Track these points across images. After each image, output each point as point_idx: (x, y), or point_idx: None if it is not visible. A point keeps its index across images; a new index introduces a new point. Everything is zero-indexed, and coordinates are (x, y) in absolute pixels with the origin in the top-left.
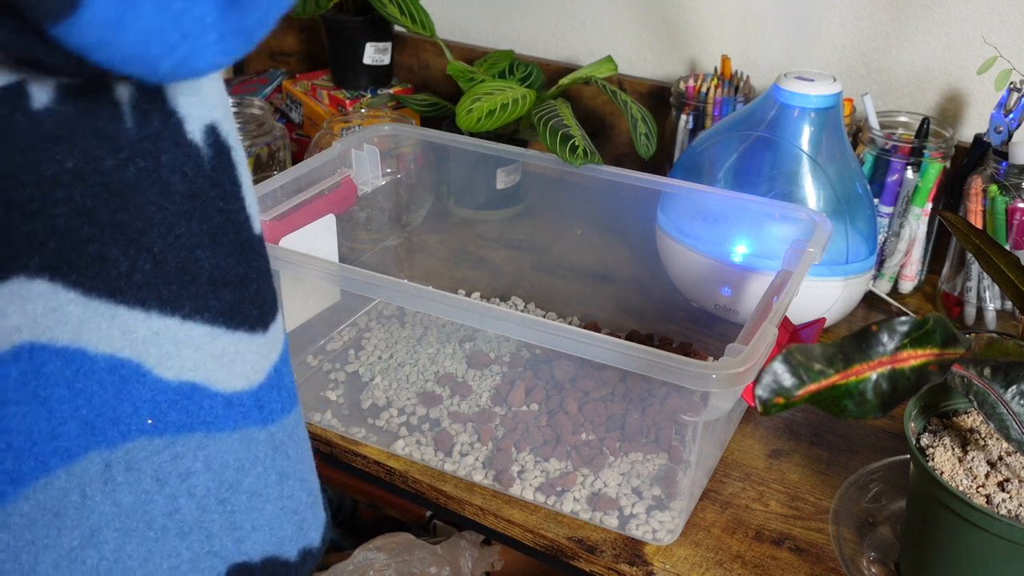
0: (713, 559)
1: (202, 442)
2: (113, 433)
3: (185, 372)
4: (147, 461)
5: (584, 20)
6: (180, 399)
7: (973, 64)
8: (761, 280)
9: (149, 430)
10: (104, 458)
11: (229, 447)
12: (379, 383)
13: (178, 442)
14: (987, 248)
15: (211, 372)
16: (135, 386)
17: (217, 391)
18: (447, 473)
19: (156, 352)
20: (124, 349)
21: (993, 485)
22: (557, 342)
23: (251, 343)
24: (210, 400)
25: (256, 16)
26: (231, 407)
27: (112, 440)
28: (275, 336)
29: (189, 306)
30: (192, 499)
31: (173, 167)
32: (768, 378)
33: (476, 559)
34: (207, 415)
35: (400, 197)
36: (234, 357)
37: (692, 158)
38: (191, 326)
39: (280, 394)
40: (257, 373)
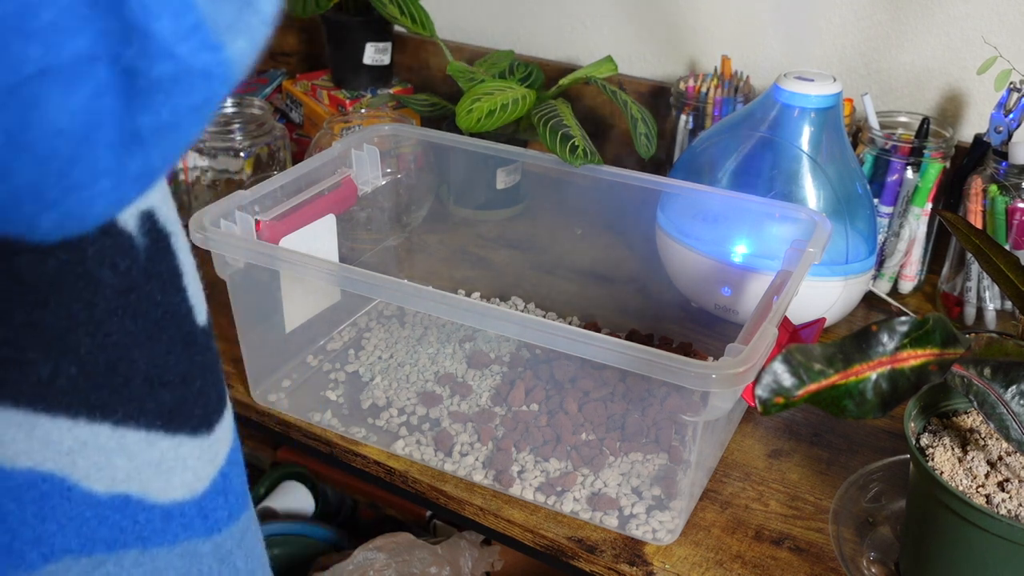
0: (713, 559)
1: (137, 559)
2: (33, 555)
3: (117, 484)
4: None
5: (584, 20)
6: (111, 513)
7: (973, 64)
8: (761, 280)
9: (76, 549)
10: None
11: (169, 563)
12: (379, 383)
13: (109, 561)
14: (987, 248)
15: (147, 482)
16: (59, 501)
17: (154, 502)
18: (447, 473)
19: (84, 463)
20: (46, 462)
21: (993, 485)
22: (557, 342)
23: (193, 447)
24: (146, 513)
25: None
26: (170, 519)
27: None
28: (222, 436)
29: (122, 411)
30: None
31: (101, 259)
32: (768, 378)
33: (476, 559)
34: (142, 529)
35: (400, 197)
36: (173, 464)
37: (692, 158)
38: (123, 433)
39: (227, 500)
40: (200, 480)
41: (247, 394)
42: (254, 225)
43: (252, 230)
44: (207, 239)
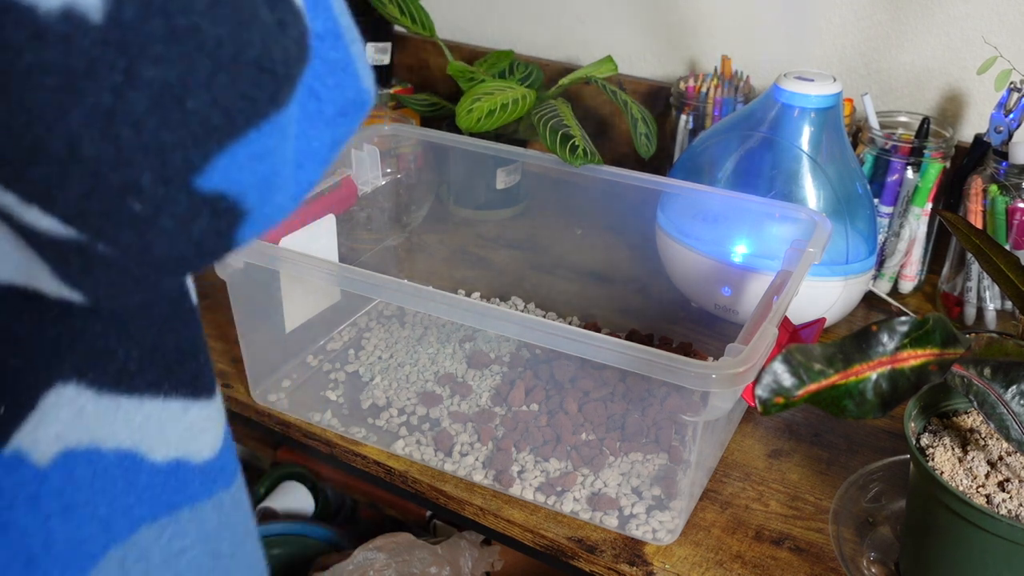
0: (713, 559)
1: (191, 515)
2: (122, 527)
3: (171, 451)
4: (152, 547)
5: (584, 20)
6: (169, 479)
7: (973, 64)
8: (761, 280)
9: (149, 516)
10: (119, 554)
11: (209, 515)
12: (379, 383)
13: (173, 521)
14: (987, 248)
15: (188, 445)
16: (136, 475)
17: (194, 463)
18: (447, 473)
19: (148, 436)
20: (126, 440)
21: (993, 485)
22: (557, 342)
23: (209, 410)
24: (191, 474)
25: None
26: (206, 476)
27: (122, 534)
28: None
29: (167, 384)
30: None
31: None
32: (768, 378)
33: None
34: (190, 489)
35: (400, 197)
36: (203, 426)
37: (692, 158)
38: (170, 403)
39: (232, 454)
40: (217, 439)
41: (247, 394)
42: None
43: None
44: None
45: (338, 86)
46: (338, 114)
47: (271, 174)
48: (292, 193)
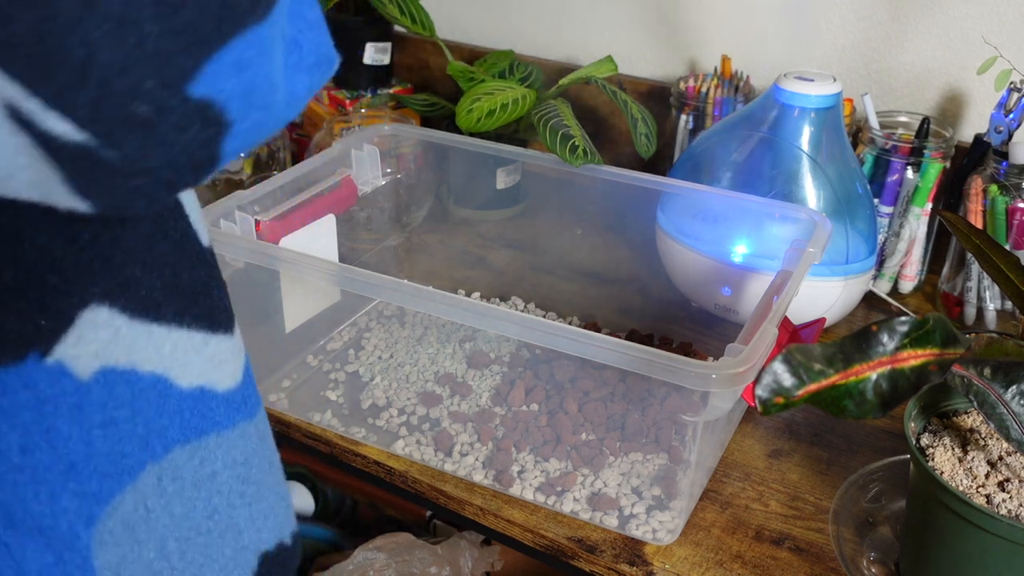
0: (713, 559)
1: (217, 441)
2: (158, 446)
3: (196, 378)
4: (185, 468)
5: (584, 20)
6: (197, 405)
7: (973, 64)
8: (761, 280)
9: (181, 438)
10: (157, 471)
11: (235, 443)
12: (379, 383)
13: (202, 446)
14: (987, 248)
15: (212, 375)
16: (167, 399)
17: (218, 392)
18: (447, 473)
19: (176, 363)
20: (158, 365)
21: (993, 485)
22: (557, 342)
23: (228, 344)
24: (216, 401)
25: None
26: (229, 405)
27: (158, 453)
28: (239, 337)
29: (188, 316)
30: (222, 497)
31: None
32: (768, 378)
33: (476, 559)
34: (216, 415)
35: (400, 197)
36: (223, 358)
37: (692, 158)
38: (192, 334)
39: (254, 389)
40: (237, 371)
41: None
42: (254, 225)
43: (252, 230)
44: None
45: (315, 41)
46: (314, 65)
47: (252, 86)
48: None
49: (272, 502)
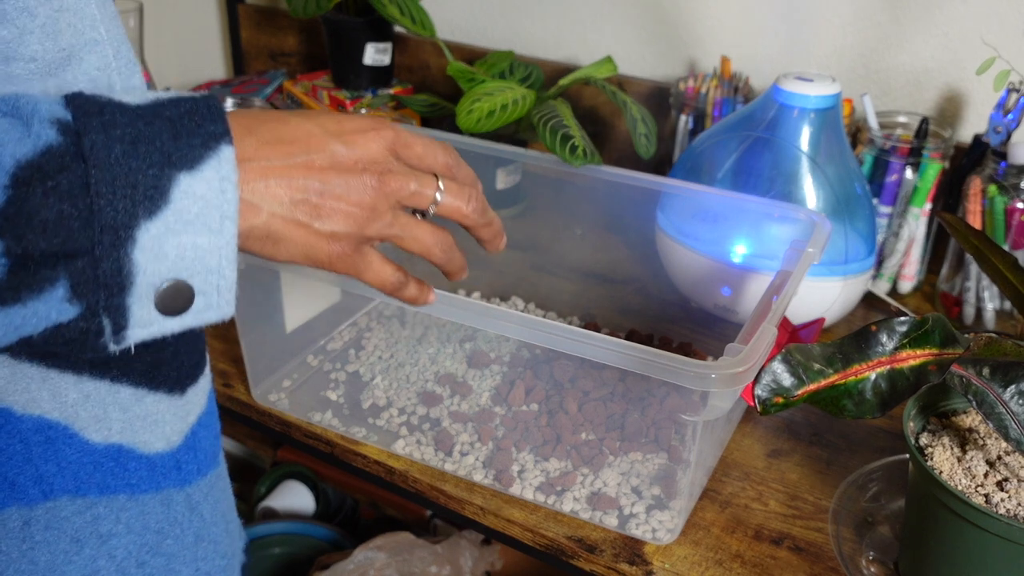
0: (713, 558)
1: (125, 504)
2: (35, 492)
3: (112, 435)
4: (69, 521)
5: (584, 20)
6: (106, 461)
7: (972, 64)
8: (761, 280)
9: (72, 490)
10: (23, 515)
11: (151, 509)
12: (379, 383)
13: (100, 503)
14: (986, 248)
15: (136, 434)
16: (61, 447)
17: (141, 453)
18: (447, 473)
19: (85, 415)
20: (53, 411)
21: (992, 484)
22: (557, 342)
23: (170, 405)
24: (135, 462)
25: None
26: (153, 469)
27: (33, 498)
28: (193, 400)
29: (116, 369)
30: (112, 561)
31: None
32: (767, 378)
33: (476, 559)
34: (131, 477)
35: None
36: (156, 418)
37: (692, 158)
38: (118, 388)
39: (196, 456)
40: (175, 435)
41: (247, 394)
42: None
43: None
44: None
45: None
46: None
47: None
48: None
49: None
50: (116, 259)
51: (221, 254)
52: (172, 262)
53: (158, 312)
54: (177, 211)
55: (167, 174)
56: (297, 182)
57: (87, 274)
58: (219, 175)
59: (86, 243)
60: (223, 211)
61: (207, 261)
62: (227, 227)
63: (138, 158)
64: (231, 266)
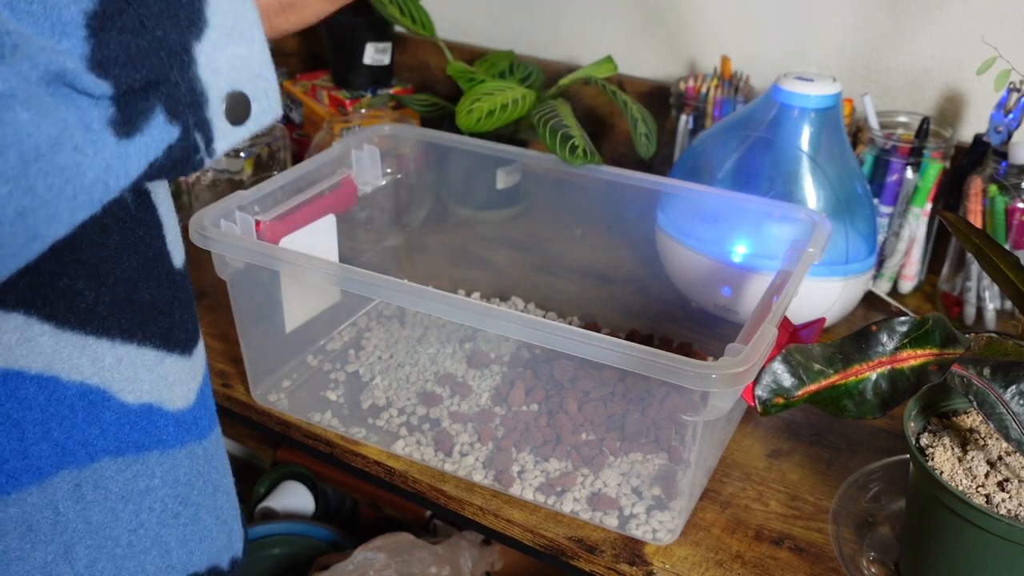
0: (713, 559)
1: (159, 459)
2: (82, 454)
3: (144, 395)
4: (113, 480)
5: (584, 20)
6: (140, 420)
7: (973, 64)
8: (761, 280)
9: (114, 450)
10: (75, 477)
11: (180, 463)
12: (379, 383)
13: (139, 460)
14: (987, 248)
15: (162, 393)
16: (102, 410)
17: (168, 410)
18: (447, 473)
19: (120, 378)
20: (93, 377)
21: (993, 485)
22: (557, 342)
23: (184, 365)
24: (164, 419)
25: None
26: (179, 425)
27: (81, 461)
28: (198, 360)
29: (141, 333)
30: (153, 514)
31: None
32: (768, 378)
33: (476, 559)
34: (162, 433)
35: (400, 197)
36: (176, 378)
37: (692, 158)
38: (144, 351)
39: (206, 413)
40: (191, 392)
41: (247, 394)
42: (254, 225)
43: (252, 230)
44: (207, 239)
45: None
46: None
47: None
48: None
49: (210, 526)
50: (188, 79)
51: (259, 59)
52: (226, 74)
53: (229, 123)
54: (216, 28)
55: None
56: None
57: (173, 96)
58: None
59: (165, 69)
60: (249, 19)
61: (251, 68)
62: (256, 34)
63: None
64: (270, 69)
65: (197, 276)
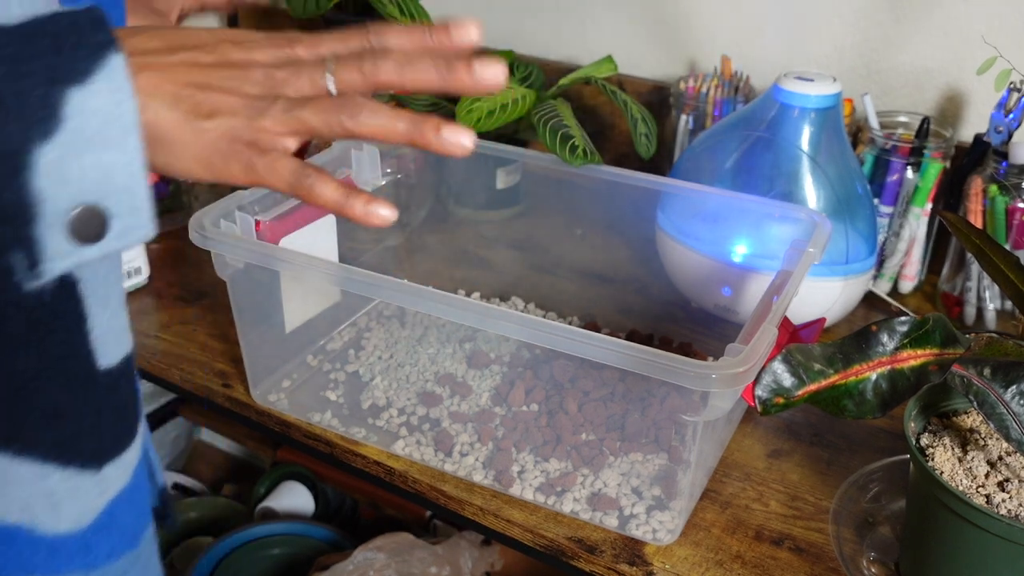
0: (713, 559)
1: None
2: None
3: (11, 515)
4: None
5: (584, 20)
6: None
7: (973, 64)
8: (761, 280)
9: None
10: None
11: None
12: (379, 383)
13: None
14: (987, 248)
15: (38, 513)
16: None
17: (42, 534)
18: (447, 473)
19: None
20: None
21: (993, 485)
22: (557, 342)
23: (82, 480)
24: (33, 546)
25: None
26: (54, 553)
27: None
28: (112, 475)
29: (21, 441)
30: None
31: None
32: (768, 378)
33: (476, 559)
34: (27, 561)
35: (400, 197)
36: (63, 496)
37: (692, 158)
38: (21, 463)
39: (110, 537)
40: (86, 513)
41: (247, 394)
42: (254, 225)
43: (252, 230)
44: (207, 239)
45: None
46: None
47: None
48: None
49: None
50: (15, 189)
51: (129, 171)
52: (77, 185)
53: (73, 241)
54: (73, 130)
55: (56, 91)
56: (180, 77)
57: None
58: (111, 86)
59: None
60: (122, 123)
61: (115, 180)
62: (130, 141)
63: (21, 78)
64: (142, 182)
65: (197, 276)
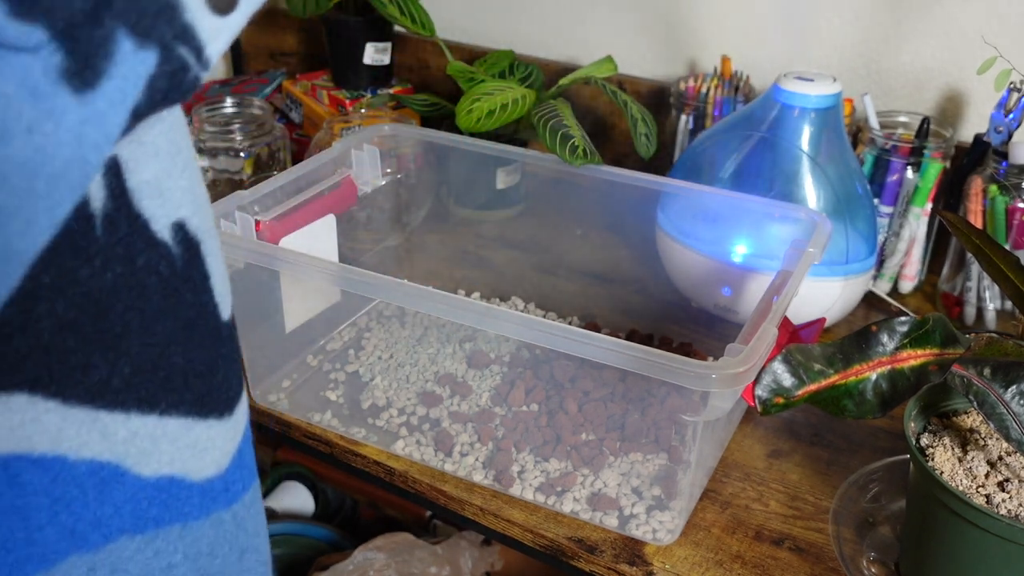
0: (713, 559)
1: (181, 533)
2: (95, 536)
3: (163, 467)
4: (131, 560)
5: (584, 20)
6: (159, 494)
7: (973, 64)
8: (761, 280)
9: (131, 529)
10: (87, 561)
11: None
12: (379, 383)
13: (159, 537)
14: (987, 248)
15: (187, 463)
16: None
17: (192, 481)
18: (447, 473)
19: (135, 451)
20: (104, 452)
21: (993, 485)
22: (557, 342)
23: (220, 429)
24: (187, 491)
25: None
26: (204, 495)
27: (94, 543)
28: (239, 417)
29: (165, 402)
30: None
31: (148, 269)
32: (768, 378)
33: (476, 559)
34: (184, 506)
35: (400, 197)
36: (206, 445)
37: (692, 158)
38: (167, 421)
39: (242, 473)
40: (225, 457)
41: (247, 394)
42: (254, 225)
43: (252, 230)
44: None
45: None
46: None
47: None
48: None
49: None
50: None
51: None
52: None
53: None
54: None
55: None
56: None
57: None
58: None
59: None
60: None
61: None
62: None
63: None
64: None
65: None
